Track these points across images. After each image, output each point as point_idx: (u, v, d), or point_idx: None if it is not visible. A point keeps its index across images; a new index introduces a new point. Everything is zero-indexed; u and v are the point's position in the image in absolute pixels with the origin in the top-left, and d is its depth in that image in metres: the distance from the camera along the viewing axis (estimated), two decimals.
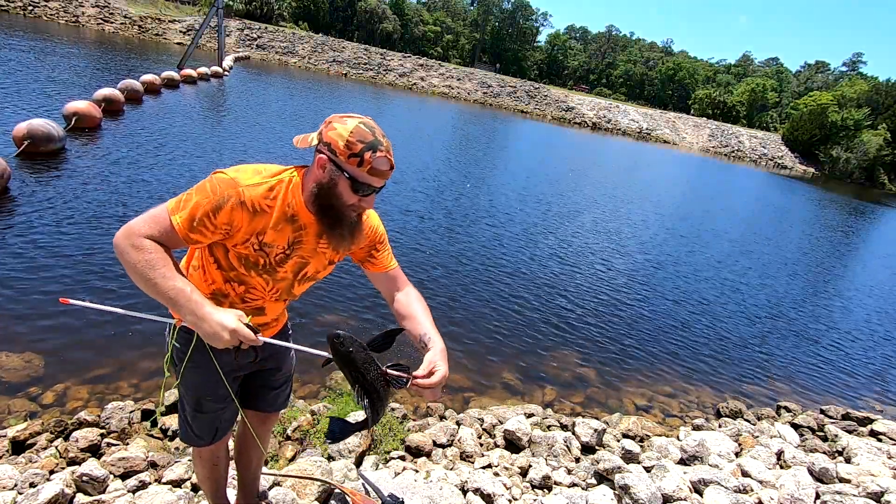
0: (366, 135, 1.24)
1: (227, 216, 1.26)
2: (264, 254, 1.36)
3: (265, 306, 1.53)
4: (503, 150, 20.59)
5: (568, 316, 5.90)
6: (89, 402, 3.14)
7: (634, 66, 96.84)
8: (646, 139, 48.91)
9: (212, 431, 1.62)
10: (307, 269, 1.48)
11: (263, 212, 1.30)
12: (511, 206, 10.52)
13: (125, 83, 11.87)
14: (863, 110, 53.15)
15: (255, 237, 1.33)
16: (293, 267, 1.44)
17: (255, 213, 1.29)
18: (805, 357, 6.22)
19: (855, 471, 3.22)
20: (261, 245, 1.34)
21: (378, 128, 1.29)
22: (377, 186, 1.31)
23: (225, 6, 27.22)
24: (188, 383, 1.55)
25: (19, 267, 4.29)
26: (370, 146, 1.24)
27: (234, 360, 1.52)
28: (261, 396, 1.75)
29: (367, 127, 1.25)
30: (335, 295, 5.10)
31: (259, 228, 1.32)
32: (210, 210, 1.24)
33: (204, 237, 1.28)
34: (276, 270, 1.42)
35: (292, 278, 1.48)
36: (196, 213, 1.24)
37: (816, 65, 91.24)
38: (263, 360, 1.64)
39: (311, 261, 1.47)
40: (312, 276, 1.53)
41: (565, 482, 2.99)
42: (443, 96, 44.84)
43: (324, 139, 1.26)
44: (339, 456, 2.78)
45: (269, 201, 1.30)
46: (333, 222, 1.34)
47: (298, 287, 1.53)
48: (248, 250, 1.35)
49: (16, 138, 6.74)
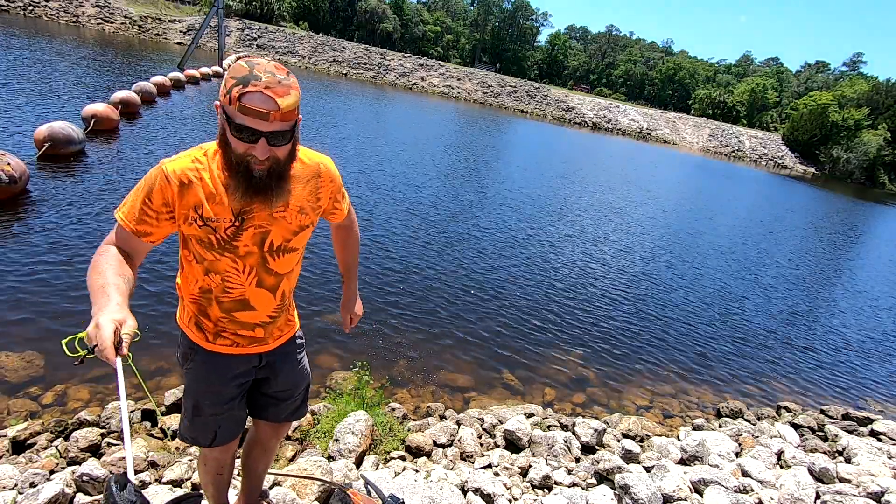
0: (240, 70, 1.11)
1: (160, 196, 1.22)
2: (210, 229, 1.27)
3: (248, 297, 1.41)
4: (503, 150, 20.59)
5: (568, 316, 5.90)
6: (89, 402, 3.14)
7: (634, 66, 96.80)
8: (646, 139, 48.89)
9: (209, 435, 1.58)
10: (270, 238, 1.35)
11: (191, 183, 1.23)
12: (511, 207, 10.51)
13: (139, 85, 12.00)
14: (863, 110, 53.11)
15: (194, 211, 1.25)
16: (253, 239, 1.32)
17: (182, 185, 1.23)
18: (805, 357, 6.22)
19: (855, 471, 3.22)
20: (204, 220, 1.26)
21: (268, 65, 1.13)
22: (255, 129, 1.12)
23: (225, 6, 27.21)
24: (187, 386, 1.55)
25: (38, 268, 4.30)
26: (241, 80, 1.09)
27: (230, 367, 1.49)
28: (270, 407, 1.70)
29: (247, 63, 1.11)
30: (334, 295, 5.10)
31: (192, 203, 1.24)
32: (144, 196, 1.23)
33: (151, 226, 1.25)
34: (235, 246, 1.31)
35: (259, 251, 1.35)
36: (135, 205, 1.24)
37: (816, 65, 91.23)
38: (268, 370, 1.60)
39: (271, 228, 1.33)
40: (284, 245, 1.39)
41: (565, 482, 2.99)
42: (443, 96, 44.83)
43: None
44: (339, 456, 2.78)
45: (195, 172, 1.24)
46: (242, 180, 1.20)
47: (275, 262, 1.39)
48: (193, 229, 1.28)
49: (37, 141, 6.81)
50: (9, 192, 5.31)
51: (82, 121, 8.46)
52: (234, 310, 1.43)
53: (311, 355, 4.08)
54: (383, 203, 8.61)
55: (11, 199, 5.38)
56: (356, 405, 3.25)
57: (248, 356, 1.53)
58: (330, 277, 5.44)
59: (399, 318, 4.98)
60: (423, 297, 5.56)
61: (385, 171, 11.04)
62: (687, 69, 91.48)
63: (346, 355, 4.16)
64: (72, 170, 6.76)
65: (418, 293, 5.62)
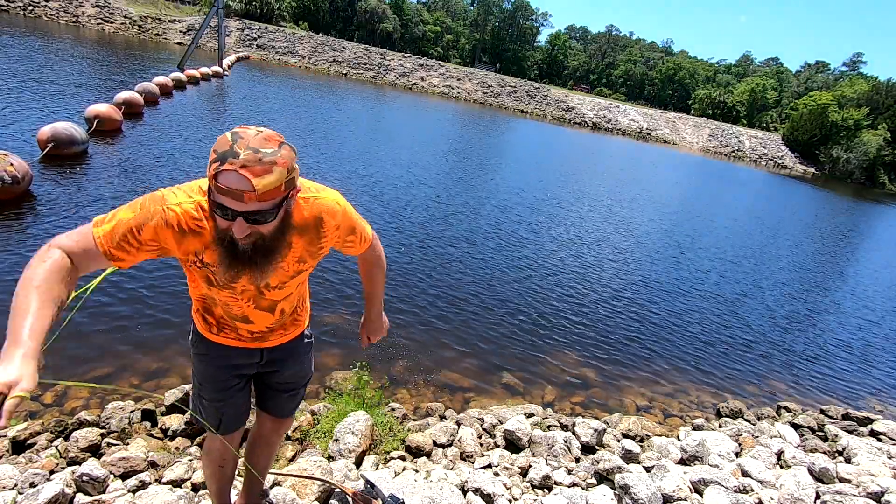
0: (222, 144, 1.04)
1: (152, 233, 1.17)
2: (209, 272, 1.27)
3: (248, 314, 1.45)
4: (503, 150, 20.59)
5: (568, 316, 5.90)
6: (89, 402, 3.14)
7: (634, 66, 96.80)
8: (646, 139, 48.89)
9: (215, 419, 1.65)
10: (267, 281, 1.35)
11: (195, 232, 1.20)
12: (511, 207, 10.51)
13: (142, 86, 12.00)
14: (863, 110, 53.10)
15: (194, 255, 1.24)
16: (249, 280, 1.30)
17: (184, 233, 1.19)
18: (805, 357, 6.22)
19: (855, 471, 3.21)
20: (203, 264, 1.26)
21: (254, 138, 1.05)
22: (231, 208, 1.06)
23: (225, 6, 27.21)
24: (193, 368, 1.64)
25: None
26: (220, 157, 1.03)
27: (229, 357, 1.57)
28: (272, 400, 1.78)
29: (233, 136, 1.05)
30: (334, 295, 5.10)
31: (192, 249, 1.22)
32: (134, 226, 1.16)
33: (128, 254, 1.18)
34: (233, 286, 1.32)
35: (255, 289, 1.36)
36: (119, 229, 1.16)
37: (816, 65, 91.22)
38: (271, 365, 1.66)
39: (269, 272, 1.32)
40: (280, 285, 1.39)
41: (565, 482, 2.99)
42: (443, 96, 44.83)
43: None
44: (339, 456, 2.78)
45: (199, 221, 1.19)
46: (226, 253, 1.17)
47: (271, 293, 1.40)
48: (193, 269, 1.28)
49: (40, 141, 6.81)
50: (11, 193, 5.31)
51: (85, 121, 8.47)
52: (238, 319, 1.50)
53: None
54: (382, 203, 8.61)
55: (14, 199, 5.38)
56: (356, 405, 3.25)
57: (250, 350, 1.59)
58: (331, 278, 5.44)
59: (399, 319, 4.98)
60: (423, 297, 5.56)
61: (384, 171, 11.04)
62: (687, 69, 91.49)
63: (346, 355, 4.16)
64: (75, 170, 6.76)
65: (418, 293, 5.62)
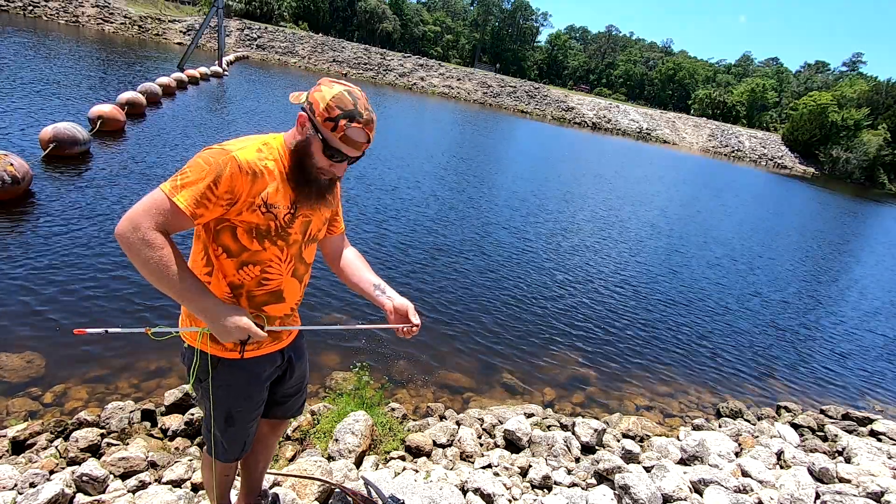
0: (346, 102, 1.26)
1: (228, 183, 1.25)
2: (272, 216, 1.36)
3: (283, 288, 1.48)
4: (503, 150, 20.58)
5: (568, 316, 5.90)
6: (89, 402, 3.14)
7: (634, 66, 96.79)
8: (646, 139, 48.89)
9: (240, 445, 1.62)
10: (311, 227, 1.50)
11: (262, 174, 1.31)
12: (511, 207, 10.51)
13: (144, 86, 12.02)
14: (863, 110, 53.12)
15: (260, 199, 1.32)
16: (300, 226, 1.45)
17: (255, 175, 1.29)
18: (805, 357, 6.22)
19: (855, 471, 3.22)
20: (268, 207, 1.34)
21: (363, 99, 1.30)
22: (348, 155, 1.33)
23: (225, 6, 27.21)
24: (217, 400, 1.50)
25: (39, 268, 4.30)
26: (347, 114, 1.26)
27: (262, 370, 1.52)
28: (281, 405, 1.74)
29: (350, 95, 1.27)
30: (335, 295, 5.10)
31: (260, 190, 1.32)
32: (211, 182, 1.23)
33: (208, 210, 1.26)
34: (288, 232, 1.41)
35: (301, 239, 1.48)
36: (198, 188, 1.23)
37: (816, 65, 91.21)
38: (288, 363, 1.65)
39: (312, 217, 1.48)
40: (315, 235, 1.55)
41: (565, 482, 2.99)
42: (443, 96, 44.82)
43: (309, 98, 1.30)
44: (339, 456, 2.78)
45: (264, 162, 1.32)
46: (303, 179, 1.36)
47: (306, 250, 1.53)
48: (255, 216, 1.33)
49: (42, 141, 6.82)
50: (12, 193, 5.31)
51: (88, 121, 8.49)
52: (266, 303, 1.46)
53: (311, 355, 4.08)
54: (382, 202, 8.60)
55: (15, 199, 5.37)
56: (356, 405, 3.25)
57: (273, 356, 1.57)
58: (332, 279, 5.45)
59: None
60: (423, 297, 5.56)
61: (384, 170, 11.04)
62: (687, 69, 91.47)
63: (346, 355, 4.16)
64: (76, 171, 6.75)
65: (418, 293, 5.62)
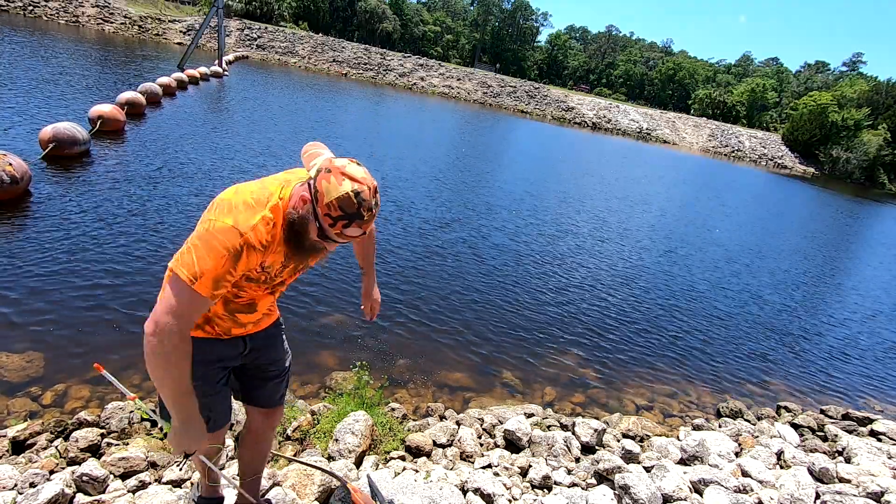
0: (350, 206, 1.23)
1: (245, 264, 1.33)
2: (266, 273, 1.46)
3: (256, 302, 1.59)
4: (502, 151, 20.59)
5: (568, 316, 5.90)
6: (89, 402, 3.13)
7: (634, 66, 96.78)
8: (646, 139, 48.89)
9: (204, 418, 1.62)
10: (299, 269, 1.60)
11: (269, 245, 1.37)
12: (511, 208, 10.52)
13: (145, 86, 12.00)
14: (863, 110, 53.10)
15: (259, 264, 1.40)
16: (290, 271, 1.55)
17: (265, 249, 1.36)
18: (805, 357, 6.22)
19: (855, 471, 3.22)
20: (263, 268, 1.43)
21: (370, 198, 1.25)
22: (341, 242, 1.36)
23: (225, 6, 27.21)
24: None
25: (38, 268, 4.30)
26: (348, 217, 1.24)
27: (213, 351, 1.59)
28: (259, 390, 1.79)
29: (357, 198, 1.23)
30: (335, 295, 5.10)
31: (262, 259, 1.40)
32: (230, 267, 1.29)
33: (225, 289, 1.34)
34: (276, 279, 1.53)
35: (288, 277, 1.58)
36: (218, 273, 1.28)
37: (816, 65, 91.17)
38: (254, 353, 1.69)
39: (302, 264, 1.57)
40: (304, 270, 1.63)
41: (565, 482, 2.99)
42: (443, 96, 44.82)
43: (315, 184, 1.26)
44: (339, 456, 2.78)
45: (273, 231, 1.37)
46: (297, 247, 1.40)
47: (291, 279, 1.63)
48: (251, 273, 1.42)
49: (41, 141, 6.81)
50: (10, 193, 5.30)
51: (88, 122, 8.48)
52: (238, 311, 1.56)
53: (311, 355, 4.11)
54: (382, 202, 8.60)
55: (13, 199, 5.37)
56: (356, 405, 3.25)
57: (234, 340, 1.62)
58: (332, 279, 5.45)
59: (399, 318, 4.98)
60: (423, 296, 5.56)
61: (385, 170, 11.04)
62: (687, 69, 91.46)
63: (346, 355, 4.15)
64: (76, 171, 6.75)
65: (418, 293, 5.62)
